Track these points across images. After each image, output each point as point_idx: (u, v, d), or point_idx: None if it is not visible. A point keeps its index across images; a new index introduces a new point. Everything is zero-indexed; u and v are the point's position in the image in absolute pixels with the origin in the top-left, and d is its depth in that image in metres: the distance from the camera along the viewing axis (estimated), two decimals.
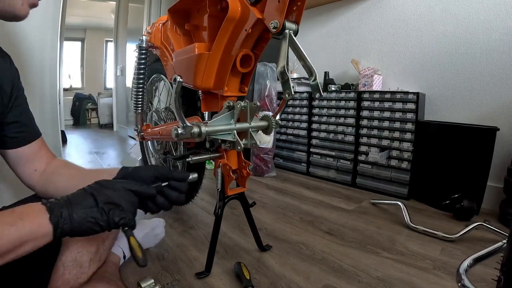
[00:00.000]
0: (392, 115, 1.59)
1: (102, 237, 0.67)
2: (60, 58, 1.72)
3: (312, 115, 1.99)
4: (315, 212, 1.37)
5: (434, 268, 0.91)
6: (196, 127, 0.70)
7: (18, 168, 0.64)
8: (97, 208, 0.43)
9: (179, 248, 1.00)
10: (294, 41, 0.66)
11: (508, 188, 1.28)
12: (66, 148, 3.09)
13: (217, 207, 0.84)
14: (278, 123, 0.84)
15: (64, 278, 0.59)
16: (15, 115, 0.62)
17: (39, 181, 0.64)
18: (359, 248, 1.04)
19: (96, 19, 5.23)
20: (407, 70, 1.78)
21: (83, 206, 0.43)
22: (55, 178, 0.64)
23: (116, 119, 4.49)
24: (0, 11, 0.51)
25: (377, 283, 0.83)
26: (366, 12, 1.97)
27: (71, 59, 5.67)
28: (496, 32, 1.44)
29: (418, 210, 1.42)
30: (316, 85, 0.70)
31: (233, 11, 0.70)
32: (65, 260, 0.60)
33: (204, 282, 0.82)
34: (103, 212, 0.43)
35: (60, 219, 0.41)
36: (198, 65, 0.80)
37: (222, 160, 0.84)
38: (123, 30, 3.98)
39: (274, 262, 0.93)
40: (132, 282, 0.80)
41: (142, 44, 1.09)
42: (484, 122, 1.48)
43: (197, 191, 1.22)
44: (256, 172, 1.98)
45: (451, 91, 1.61)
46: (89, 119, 5.50)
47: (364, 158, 1.71)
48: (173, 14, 0.98)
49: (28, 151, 0.65)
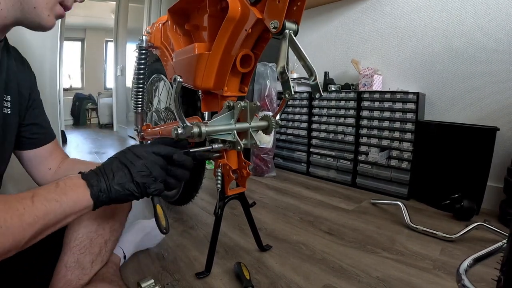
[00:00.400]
0: (392, 115, 1.59)
1: (105, 239, 0.67)
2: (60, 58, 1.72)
3: (312, 115, 1.99)
4: (315, 212, 1.37)
5: (434, 268, 0.91)
6: (196, 127, 0.70)
7: (33, 168, 0.66)
8: (133, 182, 0.47)
9: (179, 248, 1.00)
10: (294, 41, 0.66)
11: (508, 188, 1.28)
12: (66, 148, 3.09)
13: (217, 207, 0.84)
14: (278, 123, 0.84)
15: (66, 279, 0.60)
16: (32, 117, 0.65)
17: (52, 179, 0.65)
18: (359, 248, 1.04)
19: (96, 19, 5.23)
20: (407, 70, 1.78)
21: (119, 179, 0.47)
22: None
23: (116, 119, 4.49)
24: (27, 22, 0.53)
25: (377, 283, 0.83)
26: (366, 12, 1.97)
27: (71, 59, 5.67)
28: (496, 32, 1.44)
29: (418, 210, 1.42)
30: (316, 85, 0.70)
31: (233, 11, 0.70)
32: (67, 261, 0.61)
33: (204, 282, 0.82)
34: (137, 185, 0.47)
35: (99, 193, 0.45)
36: (198, 65, 0.80)
37: (222, 160, 0.84)
38: (123, 30, 3.98)
39: (274, 262, 0.93)
40: (132, 282, 0.80)
41: (142, 44, 1.09)
42: (484, 122, 1.48)
43: (197, 191, 1.22)
44: (256, 172, 1.98)
45: (451, 91, 1.61)
46: (89, 119, 5.50)
47: (364, 158, 1.71)
48: (173, 14, 0.98)
49: (43, 152, 0.67)
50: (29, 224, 0.39)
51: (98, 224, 0.66)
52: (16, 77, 0.60)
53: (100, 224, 0.66)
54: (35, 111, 0.65)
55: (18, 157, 0.67)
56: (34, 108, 0.65)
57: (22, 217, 0.38)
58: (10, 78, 0.59)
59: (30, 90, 0.64)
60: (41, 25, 0.54)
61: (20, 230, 0.38)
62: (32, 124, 0.64)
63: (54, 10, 0.53)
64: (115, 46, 4.31)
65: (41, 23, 0.53)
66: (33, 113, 0.65)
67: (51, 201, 0.41)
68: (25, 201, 0.40)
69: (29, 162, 0.66)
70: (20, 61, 0.63)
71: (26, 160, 0.66)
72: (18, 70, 0.62)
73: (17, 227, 0.37)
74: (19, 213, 0.38)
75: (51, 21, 0.54)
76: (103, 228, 0.67)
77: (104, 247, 0.67)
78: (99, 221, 0.66)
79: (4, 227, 0.36)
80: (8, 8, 0.50)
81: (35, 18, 0.52)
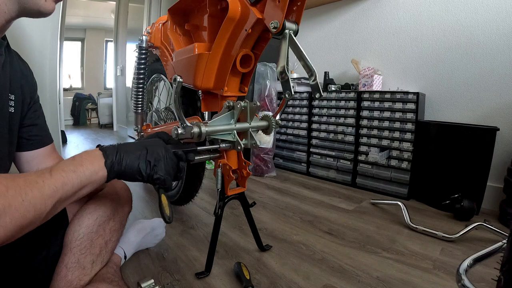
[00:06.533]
0: (392, 115, 1.59)
1: (105, 240, 0.67)
2: (60, 58, 1.72)
3: (312, 115, 1.99)
4: (315, 212, 1.37)
5: (434, 268, 0.91)
6: (196, 127, 0.70)
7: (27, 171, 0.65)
8: (145, 160, 0.51)
9: (179, 248, 1.00)
10: (294, 41, 0.66)
11: (508, 188, 1.28)
12: (66, 148, 3.09)
13: (217, 207, 0.84)
14: (278, 123, 0.84)
15: (66, 279, 0.60)
16: (32, 118, 0.65)
17: None
18: (359, 248, 1.04)
19: (96, 19, 5.23)
20: (407, 70, 1.78)
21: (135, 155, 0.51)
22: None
23: (116, 119, 4.49)
24: (26, 9, 0.52)
25: (377, 283, 0.83)
26: (366, 12, 1.97)
27: (71, 59, 5.67)
28: (496, 32, 1.44)
29: (418, 210, 1.42)
30: (316, 85, 0.70)
31: (233, 11, 0.70)
32: (68, 261, 0.61)
33: (204, 282, 0.82)
34: (148, 164, 0.51)
35: (113, 163, 0.48)
36: (198, 65, 0.80)
37: (222, 160, 0.84)
38: (123, 30, 3.98)
39: (274, 262, 0.93)
40: (132, 282, 0.80)
41: (142, 44, 1.09)
42: (484, 122, 1.48)
43: (197, 191, 1.22)
44: (256, 172, 1.98)
45: (451, 91, 1.61)
46: (89, 119, 5.50)
47: (364, 158, 1.71)
48: (173, 14, 0.98)
49: (40, 154, 0.67)
50: (49, 195, 0.41)
51: (99, 225, 0.66)
52: (20, 78, 0.61)
53: (101, 224, 0.66)
54: (35, 113, 0.65)
55: (14, 158, 0.66)
56: (34, 110, 0.65)
57: (43, 189, 0.40)
58: (14, 77, 0.59)
59: (31, 93, 0.64)
60: (41, 12, 0.53)
61: (41, 201, 0.40)
62: (32, 125, 0.64)
63: None
64: (115, 46, 4.31)
65: (40, 10, 0.53)
66: (33, 115, 0.65)
67: (68, 172, 0.44)
68: (44, 174, 0.42)
69: (25, 164, 0.65)
70: (23, 65, 0.64)
71: (22, 161, 0.65)
72: (21, 70, 0.62)
73: (38, 198, 0.39)
74: (39, 186, 0.40)
75: (50, 6, 0.54)
76: (104, 229, 0.67)
77: (104, 248, 0.67)
78: (99, 221, 0.66)
79: (26, 200, 0.38)
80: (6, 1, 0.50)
81: (32, 6, 0.52)
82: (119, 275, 0.73)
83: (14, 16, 0.53)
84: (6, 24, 0.53)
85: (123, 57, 3.99)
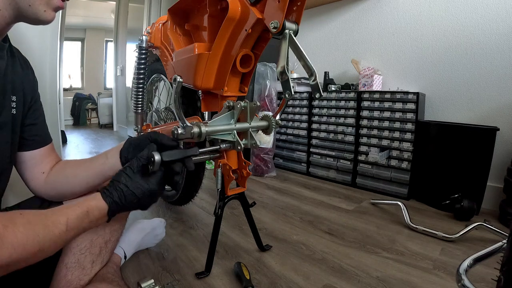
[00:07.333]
0: (392, 115, 1.59)
1: (105, 240, 0.67)
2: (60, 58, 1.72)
3: (312, 115, 1.99)
4: (315, 212, 1.37)
5: (434, 268, 0.91)
6: (196, 127, 0.70)
7: (26, 170, 0.65)
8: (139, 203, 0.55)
9: (179, 248, 1.00)
10: (294, 41, 0.66)
11: (508, 188, 1.28)
12: (66, 148, 3.09)
13: (217, 207, 0.84)
14: (278, 123, 0.84)
15: (66, 279, 0.60)
16: (32, 118, 0.64)
17: (43, 184, 0.65)
18: (359, 248, 1.04)
19: (96, 19, 5.23)
20: (407, 70, 1.78)
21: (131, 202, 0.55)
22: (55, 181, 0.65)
23: (116, 119, 4.49)
24: (26, 19, 0.53)
25: (377, 283, 0.83)
26: (366, 12, 1.97)
27: (71, 59, 5.67)
28: (496, 32, 1.44)
29: (418, 210, 1.42)
30: (316, 85, 0.70)
31: (233, 11, 0.70)
32: (67, 261, 0.61)
33: (204, 282, 0.82)
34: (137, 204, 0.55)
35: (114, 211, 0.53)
36: (198, 65, 0.80)
37: (222, 160, 0.84)
38: (123, 30, 3.98)
39: (274, 262, 0.93)
40: (132, 282, 0.80)
41: (142, 44, 1.09)
42: (484, 122, 1.48)
43: (197, 191, 1.22)
44: (256, 172, 1.98)
45: (451, 91, 1.61)
46: (89, 119, 5.50)
47: (364, 158, 1.71)
48: (173, 14, 0.98)
49: (39, 154, 0.66)
50: (60, 244, 0.46)
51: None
52: (21, 78, 0.61)
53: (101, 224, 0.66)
54: (35, 113, 0.65)
55: (15, 159, 0.65)
56: (34, 109, 0.65)
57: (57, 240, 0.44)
58: (15, 79, 0.59)
59: (32, 92, 0.64)
60: (40, 21, 0.54)
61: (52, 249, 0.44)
62: (31, 124, 0.64)
63: (50, 4, 0.53)
64: (115, 46, 4.31)
65: (39, 19, 0.53)
66: (33, 114, 0.64)
67: (80, 229, 0.48)
68: (60, 226, 0.45)
69: (23, 163, 0.65)
70: (24, 62, 0.64)
71: (21, 161, 0.65)
72: (23, 70, 0.62)
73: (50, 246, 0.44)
74: (54, 236, 0.44)
75: (49, 15, 0.54)
76: (104, 229, 0.67)
77: (104, 248, 0.67)
78: None
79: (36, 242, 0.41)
80: (6, 7, 0.50)
81: (31, 15, 0.52)
82: (119, 275, 0.73)
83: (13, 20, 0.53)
84: (7, 26, 0.54)
85: (123, 57, 3.99)
